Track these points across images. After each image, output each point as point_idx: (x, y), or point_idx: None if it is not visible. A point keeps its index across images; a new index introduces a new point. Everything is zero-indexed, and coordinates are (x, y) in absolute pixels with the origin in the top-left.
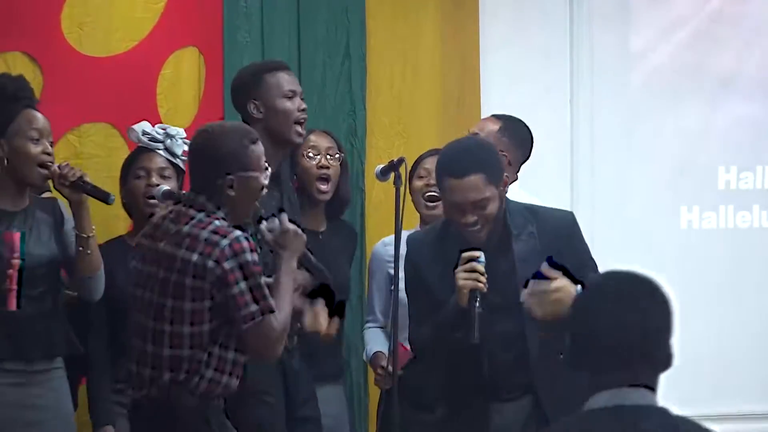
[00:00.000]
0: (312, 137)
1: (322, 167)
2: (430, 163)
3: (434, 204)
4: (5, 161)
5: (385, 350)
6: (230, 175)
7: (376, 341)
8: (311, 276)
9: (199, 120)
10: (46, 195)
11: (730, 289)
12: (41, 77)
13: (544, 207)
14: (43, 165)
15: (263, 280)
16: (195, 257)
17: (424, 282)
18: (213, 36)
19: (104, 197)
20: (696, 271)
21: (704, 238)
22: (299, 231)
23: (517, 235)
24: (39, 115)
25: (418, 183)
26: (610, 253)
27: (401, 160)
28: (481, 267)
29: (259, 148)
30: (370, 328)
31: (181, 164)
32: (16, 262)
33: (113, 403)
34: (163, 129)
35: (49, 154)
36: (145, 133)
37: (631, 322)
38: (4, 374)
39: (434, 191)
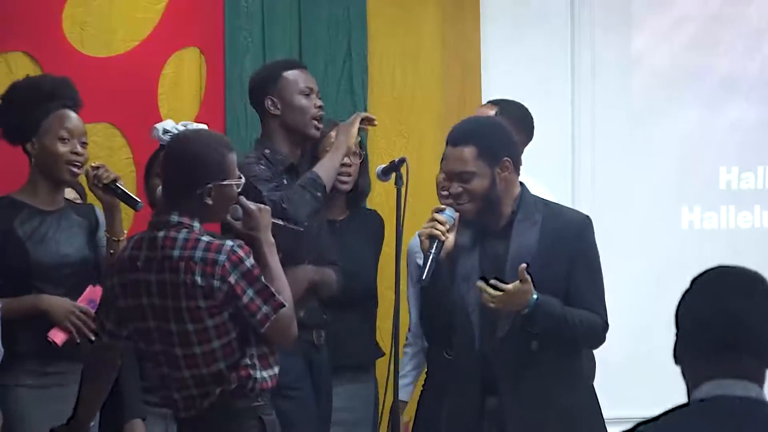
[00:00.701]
0: (333, 134)
1: (344, 165)
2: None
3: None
4: (34, 160)
5: (406, 397)
6: (209, 184)
7: (402, 384)
8: (286, 232)
9: (200, 120)
10: (78, 201)
11: None
12: None
13: (561, 205)
14: (71, 163)
15: (263, 277)
16: (199, 280)
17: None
18: (214, 36)
19: (133, 204)
20: (697, 271)
21: (705, 238)
22: (262, 207)
23: (521, 220)
24: (72, 115)
25: (440, 176)
26: (611, 253)
27: (402, 161)
28: (442, 217)
29: (234, 155)
30: (406, 352)
31: None
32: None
33: (141, 400)
34: (184, 126)
35: (78, 154)
36: (165, 131)
37: (737, 314)
38: (26, 373)
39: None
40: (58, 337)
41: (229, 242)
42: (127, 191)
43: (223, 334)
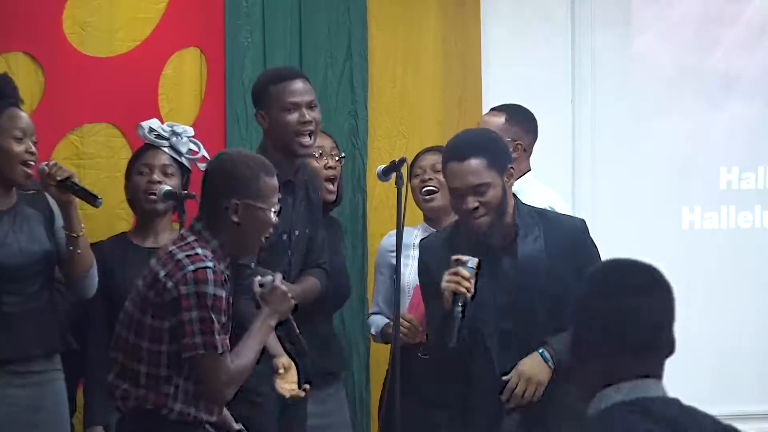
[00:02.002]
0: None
1: (329, 168)
2: (425, 161)
3: (431, 197)
4: None
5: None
6: (236, 200)
7: (383, 319)
8: (291, 347)
9: (201, 120)
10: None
11: (732, 290)
12: (43, 77)
13: (555, 212)
14: (25, 164)
15: (221, 318)
16: (161, 274)
17: (436, 286)
18: (214, 36)
19: (92, 200)
20: (697, 271)
21: (706, 238)
22: (288, 295)
23: (524, 236)
24: (23, 114)
25: (415, 181)
26: (611, 253)
27: (403, 160)
28: (465, 272)
29: (273, 182)
30: (373, 314)
31: (185, 162)
32: None
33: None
34: (170, 127)
35: (32, 153)
36: (151, 130)
37: (636, 311)
38: (6, 375)
39: (430, 185)
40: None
41: (211, 264)
42: (84, 187)
43: (154, 340)
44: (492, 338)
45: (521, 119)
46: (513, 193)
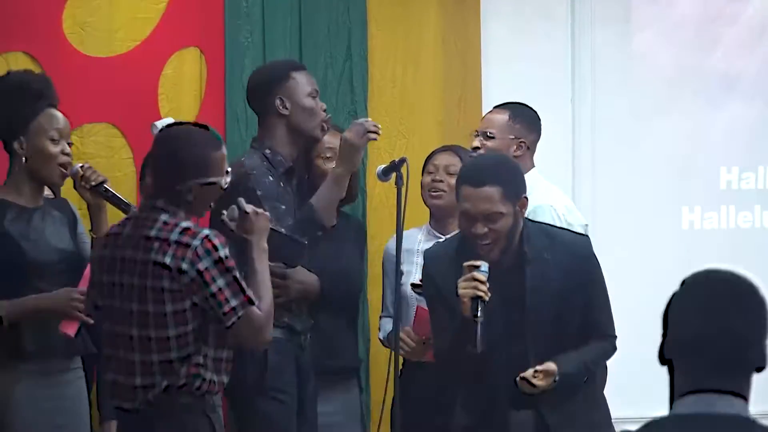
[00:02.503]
0: (327, 138)
1: None
2: (440, 160)
3: (437, 194)
4: (24, 159)
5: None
6: (190, 182)
7: (389, 325)
8: (287, 246)
9: (200, 120)
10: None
11: None
12: None
13: (561, 231)
14: (62, 165)
15: (239, 272)
16: (168, 260)
17: (442, 295)
18: (214, 36)
19: (125, 207)
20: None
21: (706, 238)
22: (259, 210)
23: (532, 260)
24: (60, 115)
25: (426, 179)
26: (611, 253)
27: (402, 160)
28: (481, 276)
29: (220, 152)
30: (384, 317)
31: None
32: None
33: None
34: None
35: (67, 154)
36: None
37: (728, 327)
38: (28, 375)
39: (439, 187)
40: (69, 328)
41: (207, 230)
42: (117, 194)
43: (180, 323)
44: (500, 357)
45: (524, 117)
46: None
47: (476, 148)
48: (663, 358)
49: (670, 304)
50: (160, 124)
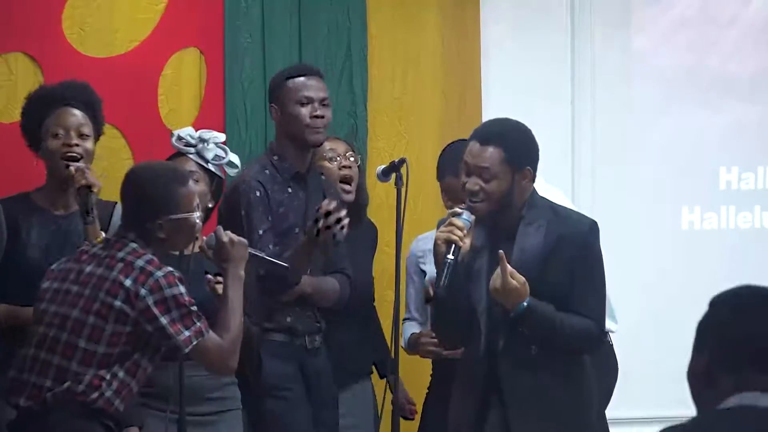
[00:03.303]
0: (327, 144)
1: (344, 167)
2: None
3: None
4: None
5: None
6: (159, 220)
7: (413, 329)
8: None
9: (201, 120)
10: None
11: None
12: (42, 78)
13: (569, 210)
14: (64, 158)
15: (194, 308)
16: (128, 282)
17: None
18: (214, 37)
19: (86, 219)
20: (697, 272)
21: (705, 238)
22: (236, 238)
23: (526, 224)
24: (71, 110)
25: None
26: (611, 254)
27: (402, 161)
28: (460, 222)
29: (189, 188)
30: (407, 322)
31: (213, 168)
32: None
33: (140, 404)
34: (198, 133)
35: (69, 145)
36: (179, 138)
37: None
38: None
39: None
40: None
41: (170, 268)
42: (88, 202)
43: (112, 344)
44: (483, 316)
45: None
46: (534, 190)
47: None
48: (696, 374)
49: (707, 320)
50: (176, 133)
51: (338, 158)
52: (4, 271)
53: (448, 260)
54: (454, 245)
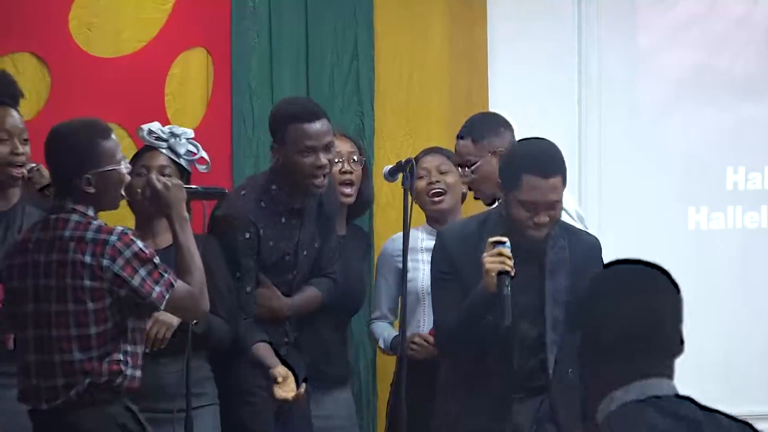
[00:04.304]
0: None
1: (345, 172)
2: (429, 162)
3: (440, 198)
4: None
5: (390, 332)
6: (86, 174)
7: (389, 330)
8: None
9: (207, 120)
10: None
11: (738, 290)
12: (49, 78)
13: (573, 227)
14: (11, 165)
15: (156, 259)
16: (88, 259)
17: (457, 273)
18: (221, 37)
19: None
20: (704, 271)
21: (712, 238)
22: (170, 182)
23: (551, 246)
24: (12, 113)
25: (421, 183)
26: (617, 254)
27: (409, 161)
28: (507, 251)
29: (110, 142)
30: (376, 321)
31: (184, 164)
32: None
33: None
34: (169, 129)
35: (17, 153)
36: (150, 132)
37: (643, 310)
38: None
39: (437, 187)
40: (8, 341)
41: (121, 227)
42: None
43: (101, 321)
44: (516, 337)
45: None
46: None
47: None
48: (589, 358)
49: (585, 303)
50: (146, 127)
51: (341, 161)
52: None
53: (507, 293)
54: (508, 276)
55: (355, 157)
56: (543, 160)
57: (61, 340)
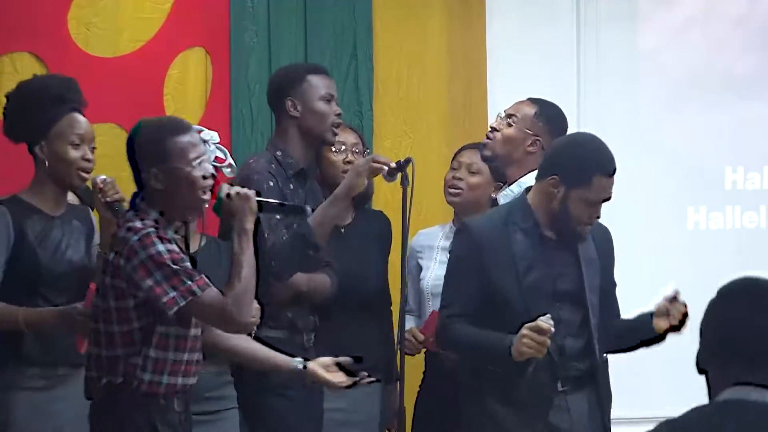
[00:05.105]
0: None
1: (348, 163)
2: (465, 157)
3: (456, 191)
4: (46, 164)
5: (416, 325)
6: (153, 168)
7: (410, 324)
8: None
9: (206, 120)
10: (74, 201)
11: None
12: None
13: None
14: (82, 170)
15: (183, 265)
16: (112, 256)
17: (482, 263)
18: (220, 37)
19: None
20: (703, 271)
21: (711, 238)
22: (242, 191)
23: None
24: (83, 119)
25: (449, 174)
26: (617, 253)
27: (408, 161)
28: (549, 342)
29: (183, 139)
30: (406, 314)
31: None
32: None
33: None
34: (198, 132)
35: (88, 160)
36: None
37: (763, 326)
38: (30, 379)
39: (457, 184)
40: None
41: (151, 228)
42: (117, 213)
43: (123, 321)
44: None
45: (551, 119)
46: None
47: (493, 129)
48: (701, 364)
49: (708, 312)
50: (207, 135)
51: (345, 152)
52: (12, 273)
53: (529, 372)
54: (534, 360)
55: (358, 149)
56: (609, 158)
57: (95, 333)
